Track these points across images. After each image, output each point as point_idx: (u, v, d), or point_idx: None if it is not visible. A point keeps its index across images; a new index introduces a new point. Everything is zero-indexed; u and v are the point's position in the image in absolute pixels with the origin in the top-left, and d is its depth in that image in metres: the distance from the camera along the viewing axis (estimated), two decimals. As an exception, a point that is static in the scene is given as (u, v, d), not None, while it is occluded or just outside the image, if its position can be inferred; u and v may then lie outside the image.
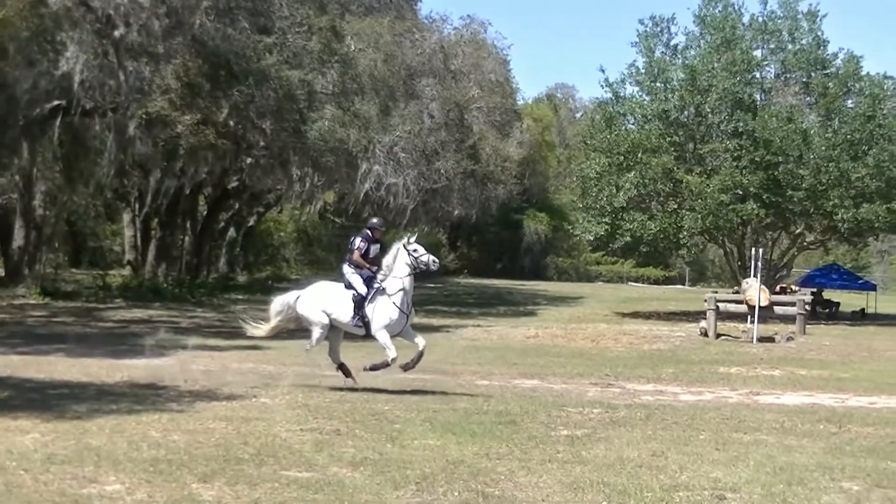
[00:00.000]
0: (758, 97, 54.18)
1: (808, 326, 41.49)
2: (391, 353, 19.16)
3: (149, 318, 38.97)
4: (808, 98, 54.19)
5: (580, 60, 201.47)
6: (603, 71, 62.66)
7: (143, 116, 40.98)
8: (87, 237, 72.22)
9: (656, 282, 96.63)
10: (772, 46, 54.76)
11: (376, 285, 19.34)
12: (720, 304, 40.05)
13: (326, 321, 19.58)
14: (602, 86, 56.35)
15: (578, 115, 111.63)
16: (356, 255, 19.68)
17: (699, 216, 49.46)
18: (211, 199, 61.39)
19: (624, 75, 55.00)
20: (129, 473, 11.21)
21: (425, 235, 76.80)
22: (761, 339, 37.13)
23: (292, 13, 41.55)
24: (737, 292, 44.41)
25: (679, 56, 54.78)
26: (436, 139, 53.49)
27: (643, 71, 54.31)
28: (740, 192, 49.22)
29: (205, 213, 62.39)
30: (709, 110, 51.54)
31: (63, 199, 53.05)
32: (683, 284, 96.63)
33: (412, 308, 19.64)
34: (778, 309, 41.12)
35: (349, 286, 19.55)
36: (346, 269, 19.78)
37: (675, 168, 50.75)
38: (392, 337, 19.31)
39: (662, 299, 63.82)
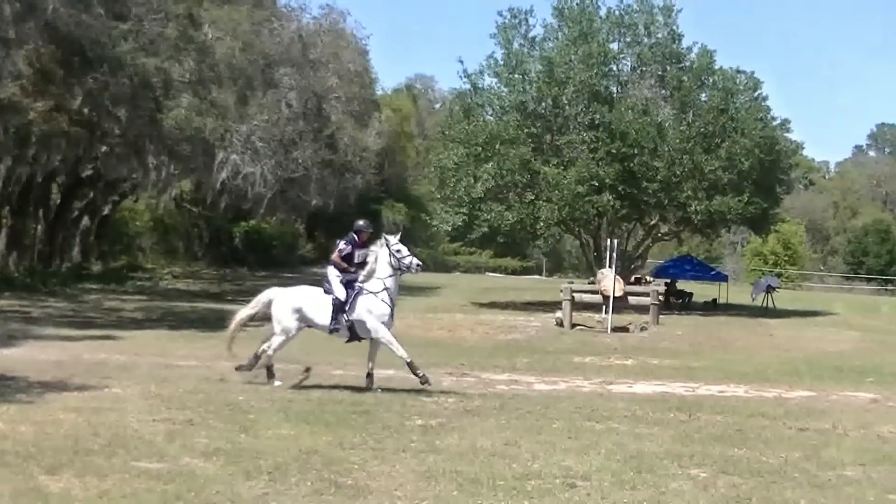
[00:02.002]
0: (614, 90, 54.70)
1: (661, 316, 42.08)
2: (400, 351, 18.82)
3: (-2, 308, 38.19)
4: (664, 91, 54.84)
5: (439, 52, 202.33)
6: (461, 62, 63.10)
7: (-6, 103, 40.14)
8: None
9: (513, 272, 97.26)
10: (628, 40, 55.28)
11: (357, 286, 18.78)
12: (576, 295, 40.47)
13: (293, 332, 19.01)
14: (461, 77, 56.56)
15: (437, 105, 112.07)
16: (335, 256, 19.05)
17: (556, 207, 49.81)
18: (64, 188, 60.28)
19: (482, 67, 55.15)
20: (-27, 466, 10.99)
21: (281, 225, 76.73)
22: (616, 329, 37.61)
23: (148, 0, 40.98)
24: (592, 283, 44.93)
25: (537, 48, 55.04)
26: (294, 129, 53.19)
27: (501, 63, 54.50)
28: (596, 184, 49.64)
29: (58, 201, 61.27)
30: (566, 102, 51.91)
31: None
32: (540, 275, 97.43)
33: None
34: (632, 299, 41.66)
35: (329, 290, 18.91)
36: (330, 271, 19.12)
37: (532, 159, 51.01)
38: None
39: (519, 289, 64.22)
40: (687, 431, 14.90)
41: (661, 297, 44.26)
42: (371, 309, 18.68)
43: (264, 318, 19.72)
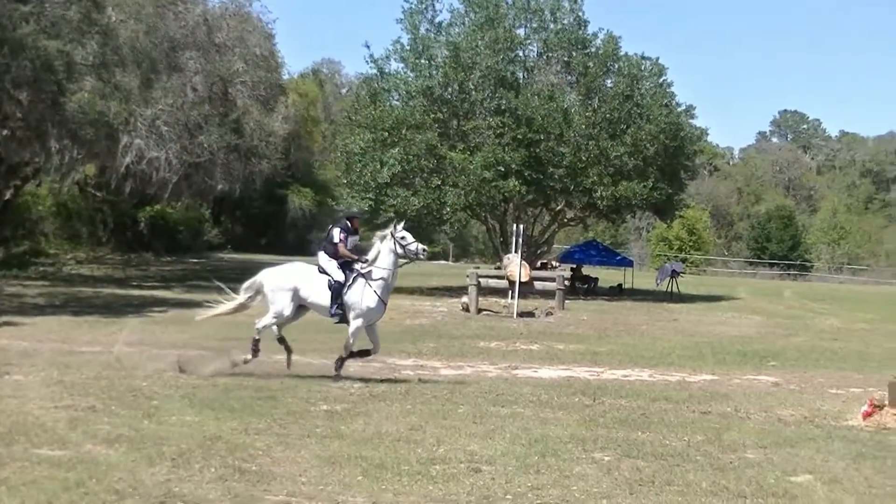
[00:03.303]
0: (520, 75, 54.88)
1: (567, 302, 42.32)
2: (352, 344, 18.53)
3: None
4: (570, 77, 55.17)
5: (346, 36, 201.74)
6: (368, 47, 62.83)
7: None
8: None
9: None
10: (534, 25, 55.47)
11: (356, 269, 18.48)
12: (482, 280, 40.53)
13: (289, 312, 18.64)
14: (367, 62, 56.42)
15: (344, 90, 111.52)
16: (341, 249, 18.56)
17: (462, 192, 49.89)
18: (-36, 172, 59.38)
19: (389, 52, 55.09)
20: None
21: (186, 210, 76.05)
22: (521, 315, 37.74)
23: (50, -19, 40.39)
24: (499, 268, 45.05)
25: (443, 33, 55.08)
26: (199, 113, 52.67)
27: (408, 48, 54.47)
28: (502, 169, 49.77)
29: (-42, 186, 60.34)
30: (472, 88, 52.02)
31: None
32: (447, 260, 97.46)
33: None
34: (538, 284, 41.85)
35: (323, 271, 18.57)
36: (322, 257, 18.73)
37: (438, 144, 51.05)
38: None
39: (425, 275, 64.13)
40: (591, 415, 14.99)
41: (566, 283, 44.49)
42: (362, 297, 18.39)
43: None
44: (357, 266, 18.52)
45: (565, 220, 61.07)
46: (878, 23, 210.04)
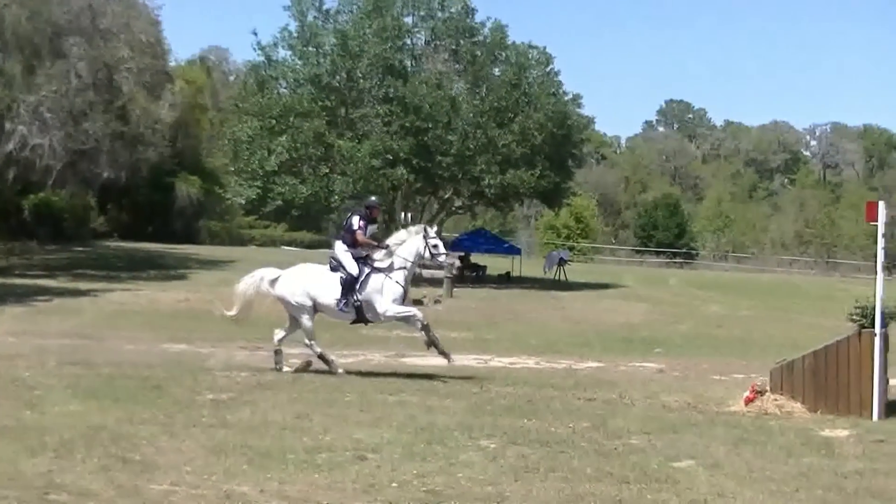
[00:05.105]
0: (408, 63, 54.93)
1: (455, 289, 42.45)
2: (415, 313, 18.24)
3: None
4: (457, 65, 55.32)
5: (234, 23, 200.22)
6: (255, 34, 62.41)
7: None
8: None
9: (309, 245, 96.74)
10: (422, 14, 55.54)
11: (371, 264, 18.06)
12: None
13: (309, 304, 18.18)
14: (255, 49, 56.09)
15: (232, 78, 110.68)
16: (360, 237, 18.10)
17: (350, 180, 49.88)
18: None
19: (276, 39, 54.87)
20: None
21: (72, 197, 74.93)
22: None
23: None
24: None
25: (331, 21, 54.98)
26: (83, 100, 51.95)
27: (296, 35, 54.30)
28: (391, 157, 49.85)
29: None
30: (360, 76, 51.99)
31: None
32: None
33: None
34: (426, 272, 41.88)
35: (336, 267, 18.17)
36: (339, 247, 18.33)
37: (326, 132, 50.99)
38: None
39: (315, 262, 64.02)
40: (478, 403, 15.04)
41: (455, 271, 44.58)
42: (382, 290, 17.97)
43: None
44: (376, 255, 18.16)
45: (454, 209, 61.28)
46: (762, 14, 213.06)
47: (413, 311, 18.36)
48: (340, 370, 18.01)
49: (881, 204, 15.25)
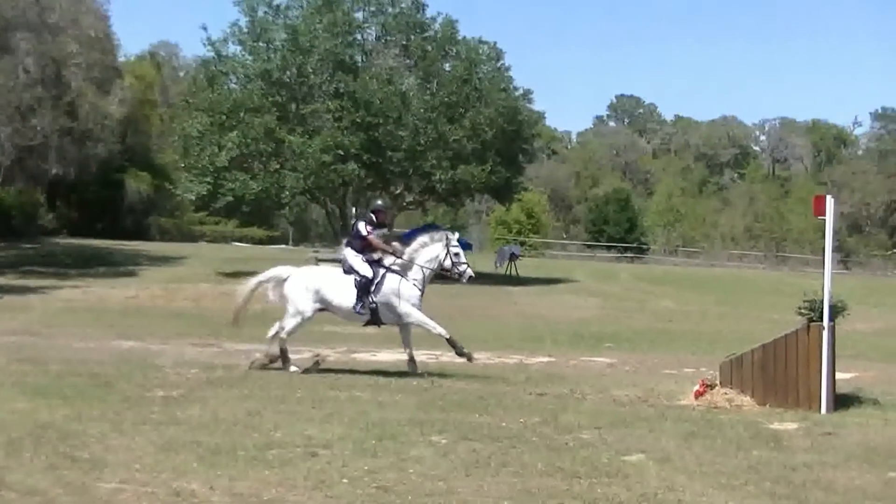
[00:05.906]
0: (359, 59, 54.90)
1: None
2: (437, 328, 18.19)
3: None
4: (408, 61, 55.35)
5: (184, 19, 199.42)
6: (205, 29, 62.04)
7: None
8: None
9: (260, 242, 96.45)
10: (372, 9, 55.55)
11: (386, 266, 18.05)
12: (321, 264, 40.42)
13: (309, 314, 18.21)
14: (204, 44, 55.83)
15: (182, 73, 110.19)
16: (373, 240, 18.11)
17: (301, 176, 49.83)
18: None
19: (226, 34, 54.65)
20: None
21: (20, 194, 74.45)
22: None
23: None
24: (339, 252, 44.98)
25: (282, 16, 54.84)
26: (31, 95, 51.77)
27: (246, 30, 54.15)
28: (342, 153, 49.82)
29: None
30: (311, 71, 51.91)
31: None
32: (287, 244, 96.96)
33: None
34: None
35: (349, 271, 18.10)
36: (349, 253, 18.29)
37: (277, 128, 50.89)
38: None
39: (266, 259, 63.46)
40: (429, 398, 15.06)
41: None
42: (400, 292, 17.99)
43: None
44: (389, 260, 18.14)
45: (405, 204, 61.21)
46: (710, 9, 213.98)
47: (438, 327, 18.34)
48: (294, 368, 17.90)
49: (829, 198, 15.36)
